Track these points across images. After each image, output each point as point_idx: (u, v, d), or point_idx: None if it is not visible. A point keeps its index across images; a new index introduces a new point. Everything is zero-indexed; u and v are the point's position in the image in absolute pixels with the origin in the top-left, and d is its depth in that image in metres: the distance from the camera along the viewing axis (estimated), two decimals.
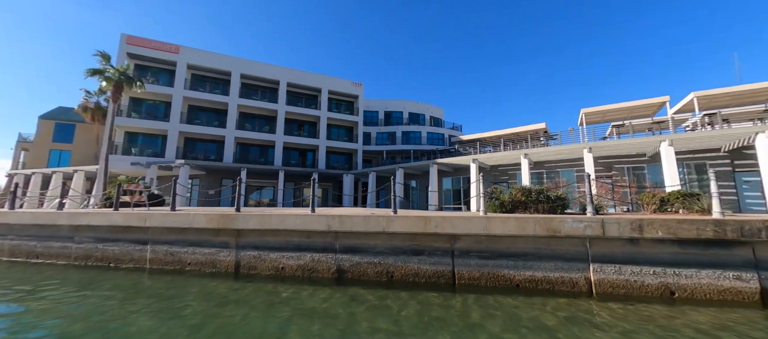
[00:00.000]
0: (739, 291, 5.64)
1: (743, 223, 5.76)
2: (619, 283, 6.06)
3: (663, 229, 5.92)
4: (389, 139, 35.89)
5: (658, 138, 14.62)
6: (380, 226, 7.07)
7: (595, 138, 17.97)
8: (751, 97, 16.46)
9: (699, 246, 5.89)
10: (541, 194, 8.11)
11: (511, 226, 6.50)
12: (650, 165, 16.50)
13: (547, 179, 18.69)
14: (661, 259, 6.01)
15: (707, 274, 5.77)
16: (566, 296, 6.01)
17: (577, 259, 6.34)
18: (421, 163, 23.25)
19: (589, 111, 18.84)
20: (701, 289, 5.76)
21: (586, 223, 6.22)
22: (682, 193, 8.39)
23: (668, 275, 5.92)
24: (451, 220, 6.82)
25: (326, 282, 7.00)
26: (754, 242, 5.74)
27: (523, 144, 21.99)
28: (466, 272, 6.73)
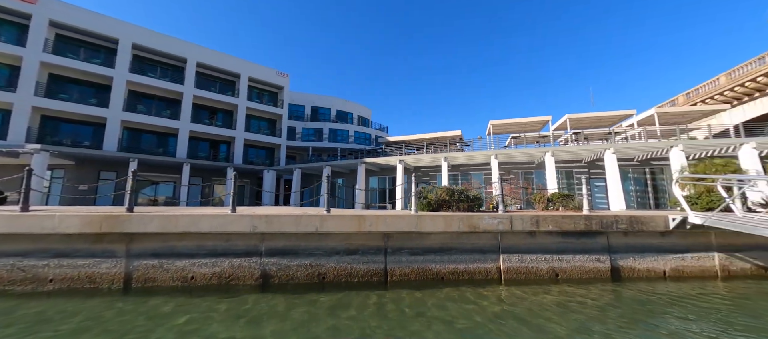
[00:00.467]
0: (598, 270, 7.33)
1: (602, 217, 7.52)
2: (520, 269, 7.17)
3: (552, 224, 7.27)
4: (315, 135, 34.73)
5: (543, 150, 17.92)
6: (313, 227, 6.73)
7: (499, 146, 20.94)
8: (602, 122, 21.70)
9: (575, 236, 7.43)
10: (461, 194, 9.00)
11: (439, 223, 7.01)
12: (537, 171, 20.11)
13: (462, 181, 20.94)
14: (550, 248, 7.36)
15: (580, 258, 7.33)
16: (482, 284, 6.81)
17: (491, 251, 7.25)
18: (349, 162, 23.18)
19: (496, 123, 21.89)
20: (575, 270, 7.28)
21: (498, 219, 7.16)
22: (562, 194, 10.48)
23: (554, 261, 7.29)
24: (384, 219, 6.95)
25: (249, 289, 6.29)
26: (608, 232, 7.55)
27: (442, 148, 24.10)
28: (397, 269, 6.96)
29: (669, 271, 7.54)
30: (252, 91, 30.76)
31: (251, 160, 29.70)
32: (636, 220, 7.61)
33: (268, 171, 26.11)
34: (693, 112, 20.97)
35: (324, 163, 23.56)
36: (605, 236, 7.58)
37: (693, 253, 7.71)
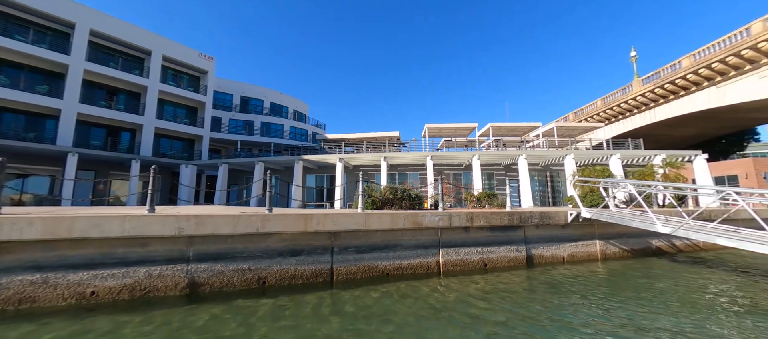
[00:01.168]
0: (517, 259, 8.50)
1: (521, 213, 8.74)
2: (456, 262, 7.85)
3: (483, 220, 8.15)
4: (245, 128, 31.82)
5: (471, 153, 19.89)
6: (253, 227, 6.20)
7: (433, 149, 22.45)
8: (516, 131, 25.15)
9: (500, 230, 8.48)
10: (405, 193, 9.40)
11: (386, 221, 7.20)
12: (465, 172, 22.20)
13: (399, 180, 21.81)
14: (481, 241, 8.24)
15: (504, 249, 8.39)
16: (424, 277, 7.24)
17: (432, 246, 7.76)
18: (284, 159, 21.92)
19: (431, 127, 23.42)
20: (500, 260, 8.30)
21: (439, 216, 7.71)
22: (488, 194, 11.82)
23: (484, 253, 8.19)
24: (332, 218, 6.82)
25: (173, 301, 5.47)
26: (525, 226, 8.82)
27: (381, 148, 24.67)
28: (343, 268, 6.91)
29: (567, 256, 9.19)
30: (167, 73, 26.51)
31: (164, 153, 25.62)
32: (545, 215, 9.07)
33: (187, 165, 22.91)
34: (579, 127, 25.90)
35: (256, 159, 21.78)
36: (522, 230, 8.84)
37: (583, 241, 9.56)
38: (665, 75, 25.45)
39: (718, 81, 22.38)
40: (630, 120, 30.04)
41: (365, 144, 24.61)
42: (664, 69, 25.77)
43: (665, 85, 25.27)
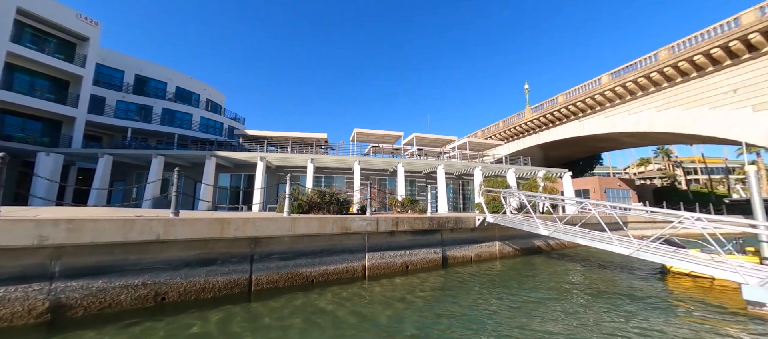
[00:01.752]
0: (434, 260, 9.30)
1: (439, 218, 9.63)
2: (382, 265, 8.14)
3: (407, 224, 8.69)
4: (141, 113, 26.56)
5: (396, 160, 20.92)
6: (153, 234, 5.25)
7: (360, 154, 22.79)
8: (436, 143, 27.54)
9: (421, 234, 9.16)
10: (333, 197, 9.30)
11: (314, 225, 7.00)
12: (390, 178, 23.18)
13: (325, 183, 21.39)
14: (404, 245, 8.74)
15: (424, 252, 9.08)
16: (349, 282, 7.28)
17: (358, 250, 7.87)
18: (193, 153, 19.11)
19: (360, 131, 23.74)
20: (420, 262, 8.95)
21: (367, 221, 7.89)
22: (411, 199, 12.61)
23: (406, 255, 8.71)
24: (254, 223, 6.29)
25: (26, 332, 4.21)
26: (442, 230, 9.74)
27: (307, 149, 23.83)
28: (264, 277, 6.42)
29: (474, 256, 10.49)
30: (24, 31, 20.21)
31: (10, 135, 19.38)
32: (459, 220, 10.19)
33: (48, 154, 17.83)
34: (486, 143, 29.97)
35: (155, 152, 18.37)
36: (440, 233, 9.74)
37: (486, 243, 11.06)
38: (547, 107, 31.65)
39: (580, 116, 28.97)
40: (523, 140, 36.23)
41: (291, 144, 23.39)
42: (546, 102, 32.04)
43: (547, 115, 31.41)
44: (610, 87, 24.72)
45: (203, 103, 32.07)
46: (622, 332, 4.75)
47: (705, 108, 19.73)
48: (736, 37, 17.34)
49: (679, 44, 20.50)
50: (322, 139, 25.38)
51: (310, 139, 24.80)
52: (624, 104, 24.97)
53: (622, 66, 24.24)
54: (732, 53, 18.00)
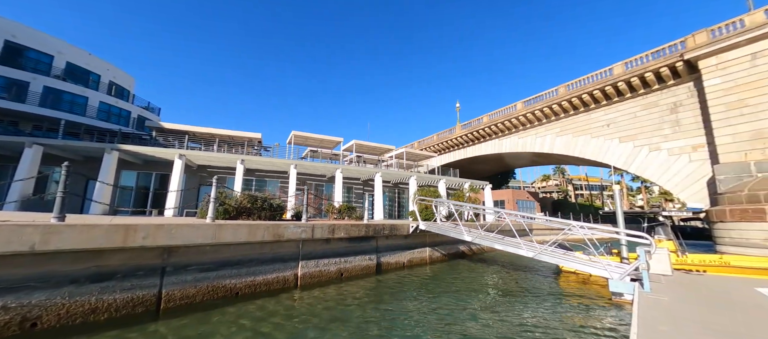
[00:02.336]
0: (369, 266, 9.45)
1: (375, 225, 9.84)
2: (315, 273, 7.93)
3: (344, 231, 8.66)
4: (11, 90, 20.90)
5: (335, 166, 20.71)
6: (25, 244, 4.19)
7: (297, 157, 21.90)
8: (375, 151, 28.15)
9: (357, 241, 9.22)
10: (265, 202, 8.74)
11: (242, 233, 6.46)
12: (328, 184, 22.77)
13: (256, 187, 19.91)
14: (339, 252, 8.68)
15: (359, 258, 9.14)
16: (279, 292, 6.90)
17: (291, 258, 7.53)
18: (86, 145, 15.79)
19: (298, 134, 22.84)
20: (355, 268, 8.99)
21: (302, 228, 7.62)
22: (348, 206, 12.61)
23: (341, 263, 8.66)
24: (169, 229, 5.52)
25: None
26: (378, 237, 9.96)
27: (238, 149, 21.90)
28: (178, 291, 5.67)
29: (406, 262, 10.97)
30: None
31: None
32: (394, 227, 10.57)
33: None
34: (421, 154, 31.82)
35: (28, 139, 14.62)
36: (375, 240, 9.95)
37: (418, 249, 11.69)
38: (474, 125, 35.23)
39: (500, 136, 32.99)
40: (453, 154, 39.50)
41: (218, 142, 21.17)
42: (474, 121, 35.68)
43: (473, 133, 34.94)
44: (523, 113, 28.84)
45: (105, 85, 26.88)
46: (524, 321, 5.55)
47: (588, 137, 24.51)
48: (610, 84, 22.10)
49: (573, 83, 25.15)
50: (255, 139, 23.64)
51: (241, 138, 22.87)
52: (533, 128, 29.35)
53: (533, 96, 28.55)
54: (607, 95, 22.84)
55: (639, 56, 20.81)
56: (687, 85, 18.70)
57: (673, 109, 19.30)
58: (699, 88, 17.82)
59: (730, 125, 15.95)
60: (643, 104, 20.97)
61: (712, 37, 17.01)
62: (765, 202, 13.05)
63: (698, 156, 17.85)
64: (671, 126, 19.30)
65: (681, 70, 18.50)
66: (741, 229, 13.47)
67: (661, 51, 19.53)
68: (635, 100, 21.52)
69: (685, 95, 18.78)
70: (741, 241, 13.35)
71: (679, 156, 18.77)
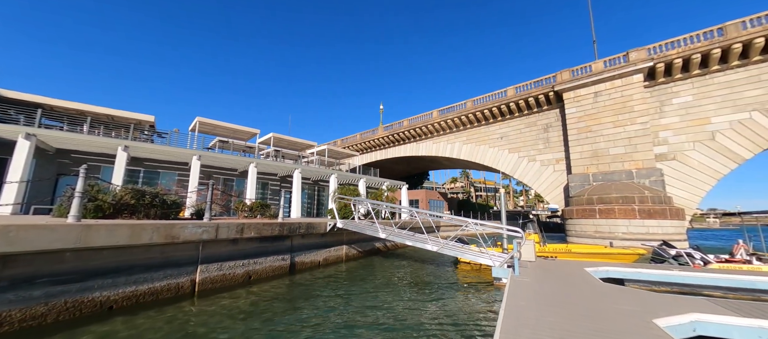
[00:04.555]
0: (282, 267, 9.07)
1: (291, 223, 9.50)
2: (218, 278, 7.21)
3: (255, 230, 8.10)
4: None
5: (249, 160, 19.04)
6: None
7: (203, 147, 19.30)
8: (296, 146, 26.93)
9: (270, 241, 8.75)
10: (156, 198, 7.49)
11: (122, 234, 5.41)
12: (239, 179, 20.75)
13: (144, 180, 16.74)
14: (249, 253, 8.09)
15: (271, 259, 8.69)
16: (170, 302, 6.03)
17: (188, 263, 6.66)
18: None
19: (204, 121, 20.08)
20: (266, 270, 8.51)
21: (204, 228, 6.83)
22: (261, 203, 11.79)
23: (250, 264, 8.09)
24: (6, 233, 4.25)
25: None
26: (293, 235, 9.64)
27: (120, 132, 18.03)
28: (17, 313, 4.41)
29: (322, 260, 10.92)
30: None
31: None
32: (310, 225, 10.39)
33: None
34: (343, 152, 31.90)
35: None
36: (290, 239, 9.61)
37: (335, 247, 11.76)
38: (395, 128, 37.15)
39: (418, 140, 35.64)
40: (375, 154, 40.80)
41: (90, 122, 16.93)
42: (395, 124, 37.62)
43: (394, 135, 36.84)
44: (438, 120, 31.86)
45: None
46: (427, 306, 6.24)
47: (487, 146, 28.71)
48: (504, 103, 26.36)
49: (477, 99, 29.02)
50: (145, 123, 19.81)
51: (126, 119, 18.85)
52: (445, 135, 32.70)
53: (447, 107, 31.78)
54: (501, 113, 27.17)
55: (526, 83, 25.33)
56: (555, 111, 23.68)
57: (545, 128, 24.17)
58: (563, 114, 22.79)
59: (580, 145, 20.93)
60: (527, 123, 25.64)
61: (572, 75, 21.99)
62: (595, 204, 17.59)
63: (560, 167, 22.82)
64: (544, 142, 24.14)
65: (552, 98, 23.33)
66: (581, 224, 17.83)
67: (541, 81, 24.23)
68: (521, 118, 26.11)
69: (554, 118, 23.76)
70: (581, 233, 17.66)
71: (547, 166, 23.63)
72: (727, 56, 16.92)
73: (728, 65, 17.11)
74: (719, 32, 17.15)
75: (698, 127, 17.74)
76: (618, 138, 19.31)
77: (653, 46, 18.98)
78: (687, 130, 18.05)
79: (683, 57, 17.79)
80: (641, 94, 19.00)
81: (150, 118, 19.50)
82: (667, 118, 18.76)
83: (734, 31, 16.58)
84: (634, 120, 18.91)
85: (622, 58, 19.99)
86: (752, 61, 16.54)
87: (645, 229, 15.98)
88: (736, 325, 4.03)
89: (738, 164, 16.68)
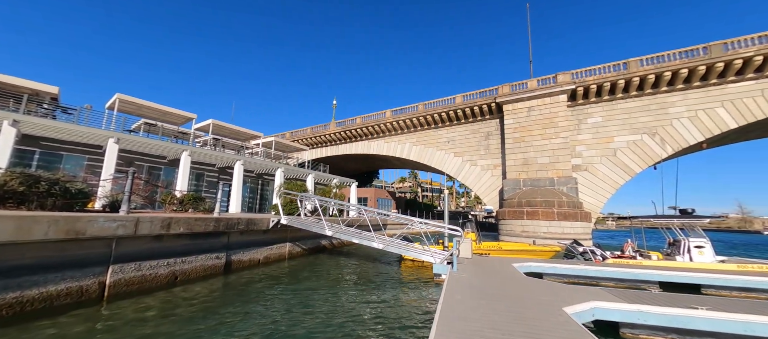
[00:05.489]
0: (215, 266, 8.34)
1: (228, 219, 8.79)
2: (135, 279, 6.34)
3: (184, 226, 7.30)
4: None
5: (182, 147, 17.10)
6: None
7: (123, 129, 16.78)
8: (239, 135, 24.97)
9: (204, 237, 7.98)
10: (55, 185, 6.28)
11: (6, 228, 4.41)
12: (168, 167, 18.50)
13: (40, 162, 13.91)
14: (176, 251, 7.27)
15: (203, 258, 7.93)
16: (73, 308, 5.13)
17: (96, 263, 5.73)
18: None
19: (125, 99, 17.40)
20: (196, 270, 7.74)
21: (119, 222, 5.93)
22: (195, 196, 10.70)
23: (177, 264, 7.28)
24: None
25: None
26: (230, 232, 8.93)
27: (10, 104, 14.73)
28: None
29: (263, 259, 10.33)
30: None
31: None
32: (251, 221, 9.74)
33: None
34: (292, 146, 30.57)
35: None
36: (227, 236, 8.89)
37: (277, 244, 11.22)
38: (347, 125, 36.82)
39: (370, 138, 35.83)
40: (325, 149, 39.91)
41: None
42: (348, 120, 37.28)
43: (347, 132, 36.49)
44: (391, 120, 32.44)
45: None
46: (369, 302, 6.32)
47: (435, 149, 30.16)
48: (452, 109, 27.96)
49: (428, 103, 30.28)
50: (45, 94, 16.47)
51: (19, 88, 15.42)
52: (397, 136, 33.45)
53: (399, 108, 32.52)
54: (449, 118, 28.79)
55: (472, 92, 27.17)
56: (496, 121, 25.87)
57: (487, 136, 26.26)
58: (502, 124, 25.00)
59: (514, 153, 23.19)
60: (471, 129, 27.54)
61: (511, 90, 24.25)
62: (524, 207, 19.70)
63: (497, 172, 25.01)
64: (485, 149, 26.21)
65: (494, 108, 25.44)
66: (511, 225, 19.79)
67: (485, 92, 26.22)
68: (467, 125, 27.95)
69: (494, 127, 25.93)
70: (511, 232, 19.60)
71: (486, 171, 25.71)
72: (629, 87, 20.34)
73: (629, 94, 20.58)
74: (624, 66, 20.53)
75: (605, 145, 21.01)
76: (544, 149, 21.88)
77: (576, 72, 21.91)
78: (597, 146, 21.25)
79: (597, 84, 20.88)
80: (565, 112, 21.80)
81: (52, 89, 16.34)
82: (582, 135, 21.84)
83: (635, 66, 19.99)
84: (558, 134, 21.61)
85: (551, 78, 22.67)
86: (645, 92, 20.15)
87: (561, 230, 18.40)
88: (622, 310, 4.88)
89: (631, 176, 20.19)
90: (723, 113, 18.09)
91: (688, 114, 19.00)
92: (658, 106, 19.86)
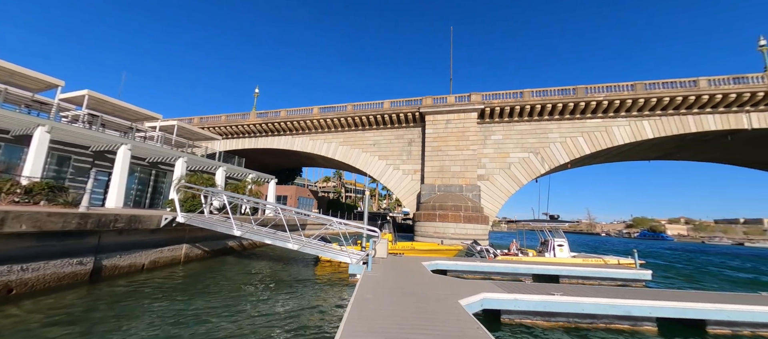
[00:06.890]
0: (76, 274, 6.66)
1: (101, 215, 7.13)
2: None
3: (29, 223, 5.60)
4: None
5: (37, 120, 13.21)
6: None
7: None
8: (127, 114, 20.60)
9: (59, 238, 6.26)
10: None
11: None
12: (12, 145, 14.03)
13: None
14: (14, 256, 5.53)
15: (56, 263, 6.22)
16: None
17: None
18: None
19: None
20: (44, 279, 6.03)
21: None
22: (51, 185, 8.35)
23: (14, 272, 5.54)
24: None
25: None
26: (103, 231, 7.26)
27: None
28: None
29: (148, 263, 8.71)
30: None
31: None
32: (135, 218, 8.11)
33: None
34: (201, 133, 26.80)
35: None
36: (98, 236, 7.19)
37: (170, 246, 9.63)
38: (270, 116, 34.25)
39: (294, 133, 34.05)
40: (243, 141, 36.25)
41: None
42: (271, 112, 34.71)
43: (269, 124, 33.91)
44: (318, 117, 31.50)
45: None
46: (278, 306, 5.93)
47: (361, 150, 30.55)
48: (380, 113, 28.84)
49: (357, 105, 30.52)
50: None
51: None
52: (324, 134, 32.66)
53: (328, 106, 31.85)
54: (377, 122, 29.60)
55: (399, 100, 28.50)
56: (418, 129, 27.70)
57: (410, 142, 27.88)
58: (423, 133, 26.91)
59: (432, 160, 25.22)
60: (396, 135, 28.84)
61: (433, 102, 26.33)
62: (437, 210, 21.58)
63: (416, 177, 26.76)
64: (407, 154, 27.77)
65: (418, 117, 27.20)
66: (425, 226, 21.42)
67: (411, 101, 27.81)
68: (392, 130, 29.16)
69: (417, 135, 27.72)
70: (424, 233, 21.19)
71: (407, 175, 27.27)
72: (523, 113, 24.37)
73: (523, 118, 24.66)
74: (520, 95, 24.52)
75: (502, 159, 24.67)
76: (457, 159, 24.44)
77: (486, 94, 25.17)
78: (497, 159, 24.79)
79: (500, 106, 24.40)
80: (475, 128, 24.79)
81: None
82: (487, 149, 25.18)
83: (528, 96, 24.07)
84: (468, 147, 24.42)
85: (467, 97, 25.51)
86: (534, 118, 24.45)
87: (465, 231, 20.79)
88: (502, 299, 5.75)
89: (520, 187, 24.18)
90: (582, 141, 23.27)
91: (560, 140, 23.80)
92: (542, 130, 24.33)
